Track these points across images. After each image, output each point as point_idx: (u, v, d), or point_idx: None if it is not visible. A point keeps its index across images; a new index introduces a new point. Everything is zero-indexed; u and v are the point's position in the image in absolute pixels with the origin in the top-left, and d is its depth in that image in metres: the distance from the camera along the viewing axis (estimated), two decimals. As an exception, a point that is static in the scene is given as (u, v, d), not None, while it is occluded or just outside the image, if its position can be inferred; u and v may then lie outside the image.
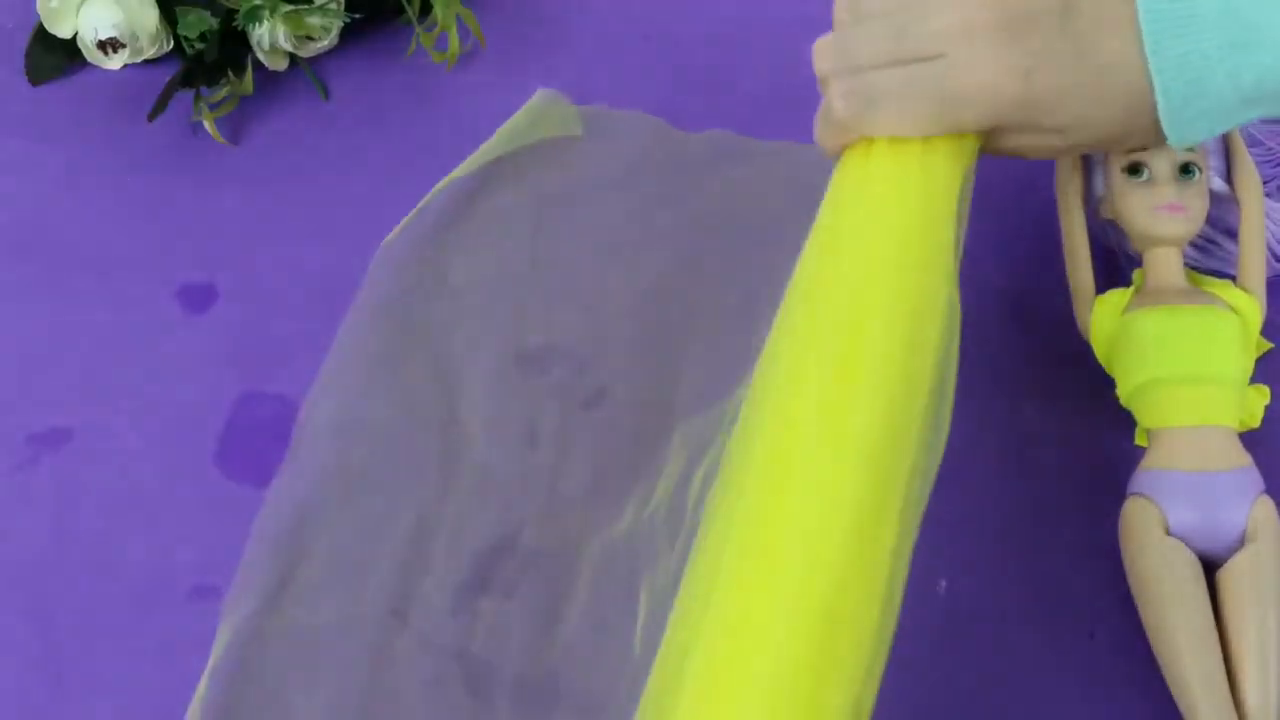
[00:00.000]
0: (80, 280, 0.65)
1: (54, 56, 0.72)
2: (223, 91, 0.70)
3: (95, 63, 0.70)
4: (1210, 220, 0.60)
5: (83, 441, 0.60)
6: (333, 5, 0.70)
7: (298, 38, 0.70)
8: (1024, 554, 0.56)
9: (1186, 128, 0.48)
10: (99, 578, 0.57)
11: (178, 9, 0.69)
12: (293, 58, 0.72)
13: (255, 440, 0.60)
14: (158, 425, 0.61)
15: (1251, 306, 0.58)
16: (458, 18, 0.71)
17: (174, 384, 0.62)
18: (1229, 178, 0.60)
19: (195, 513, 0.58)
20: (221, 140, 0.69)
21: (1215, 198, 0.60)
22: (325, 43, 0.71)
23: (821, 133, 0.52)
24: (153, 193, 0.68)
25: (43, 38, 0.71)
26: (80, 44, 0.70)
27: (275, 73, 0.71)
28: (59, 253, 0.66)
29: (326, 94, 0.72)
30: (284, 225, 0.67)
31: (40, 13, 0.70)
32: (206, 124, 0.69)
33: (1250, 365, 0.57)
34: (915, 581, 0.55)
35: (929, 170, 0.49)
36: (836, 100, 0.50)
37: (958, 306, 0.47)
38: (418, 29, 0.71)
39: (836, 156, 0.52)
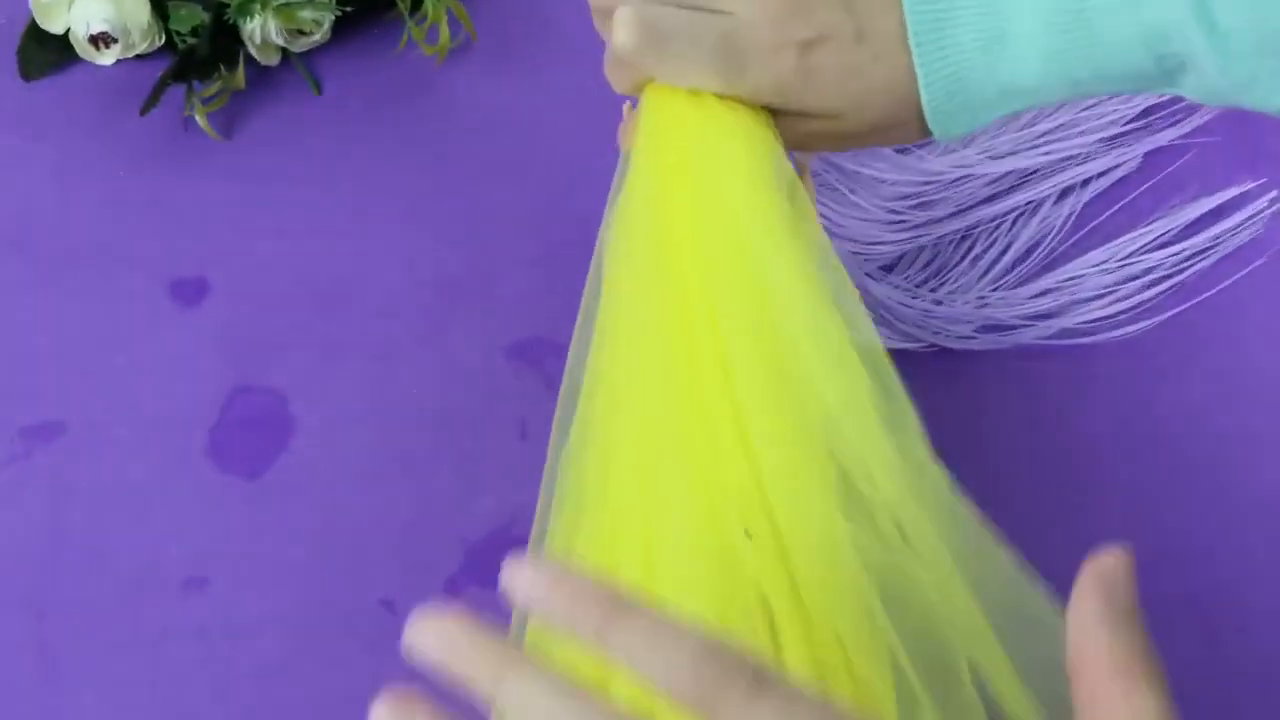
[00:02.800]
0: (72, 275, 0.65)
1: (46, 52, 0.72)
2: (215, 86, 0.70)
3: (87, 58, 0.70)
4: None
5: (76, 435, 0.61)
6: (324, -1, 0.70)
7: (290, 31, 0.70)
8: (1025, 554, 0.56)
9: (950, 121, 0.48)
10: (91, 570, 0.57)
11: (170, 3, 0.69)
12: (285, 52, 0.72)
13: (247, 434, 0.60)
14: (150, 419, 0.61)
15: None
16: (449, 11, 0.71)
17: (166, 378, 0.62)
18: None
19: (187, 506, 0.58)
20: (214, 135, 0.69)
21: None
22: (317, 37, 0.71)
23: (611, 71, 0.52)
24: (145, 187, 0.68)
25: (35, 33, 0.71)
26: (72, 39, 0.69)
27: (267, 67, 0.71)
28: (51, 247, 0.66)
29: (319, 88, 0.72)
30: (276, 219, 0.67)
31: (32, 8, 0.70)
32: (199, 119, 0.69)
33: None
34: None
35: (739, 119, 0.48)
36: (620, 30, 0.48)
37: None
38: (409, 23, 0.71)
39: (633, 94, 0.52)
